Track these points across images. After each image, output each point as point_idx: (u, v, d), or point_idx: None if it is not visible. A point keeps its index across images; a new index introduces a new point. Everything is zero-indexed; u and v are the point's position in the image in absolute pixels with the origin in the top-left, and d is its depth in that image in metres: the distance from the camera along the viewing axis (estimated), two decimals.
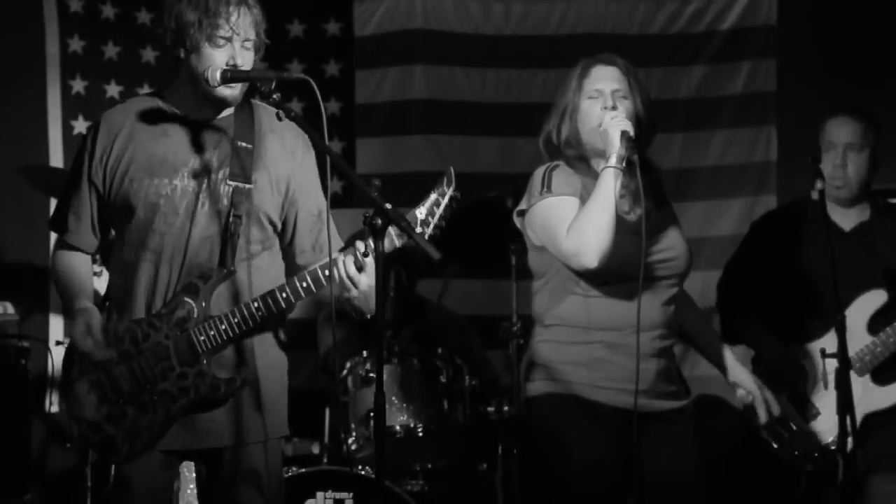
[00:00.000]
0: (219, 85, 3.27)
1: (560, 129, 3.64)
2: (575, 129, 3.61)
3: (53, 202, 3.67)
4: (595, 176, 3.55)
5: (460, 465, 4.92)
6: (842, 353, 3.82)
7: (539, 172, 3.64)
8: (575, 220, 3.48)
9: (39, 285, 5.31)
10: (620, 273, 3.48)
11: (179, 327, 3.29)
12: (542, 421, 3.59)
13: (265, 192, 3.37)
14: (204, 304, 3.29)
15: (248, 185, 3.33)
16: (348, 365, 4.91)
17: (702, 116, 5.93)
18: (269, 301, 3.31)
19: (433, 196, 3.25)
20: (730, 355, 3.83)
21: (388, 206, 3.11)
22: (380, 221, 3.06)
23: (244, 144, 3.35)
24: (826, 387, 4.26)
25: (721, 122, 5.95)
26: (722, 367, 3.84)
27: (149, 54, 5.75)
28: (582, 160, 3.61)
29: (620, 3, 5.92)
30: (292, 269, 3.44)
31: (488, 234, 4.94)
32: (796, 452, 4.26)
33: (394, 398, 4.73)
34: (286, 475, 4.62)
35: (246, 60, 3.29)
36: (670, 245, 3.59)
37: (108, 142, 3.34)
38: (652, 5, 5.93)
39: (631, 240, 3.50)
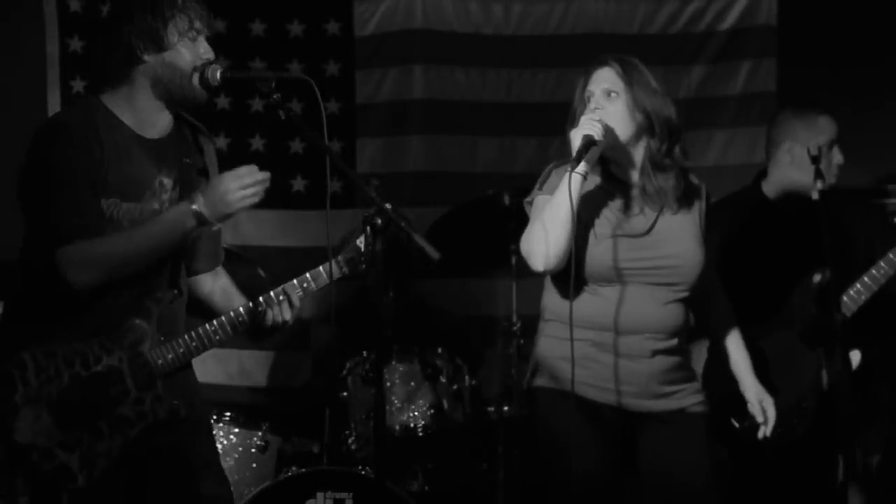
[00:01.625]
0: (219, 84, 3.28)
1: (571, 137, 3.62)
2: None
3: None
4: (610, 178, 3.57)
5: (460, 465, 4.92)
6: (842, 354, 3.83)
7: (546, 169, 3.64)
8: (529, 222, 3.49)
9: None
10: (607, 274, 3.50)
11: (132, 350, 3.23)
12: (536, 414, 3.62)
13: None
14: (157, 326, 3.26)
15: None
16: (348, 365, 4.91)
17: (702, 116, 5.92)
18: (227, 325, 3.32)
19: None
20: (745, 369, 3.80)
21: (388, 206, 3.13)
22: (380, 221, 3.07)
23: (188, 161, 3.33)
24: (826, 386, 4.29)
25: (721, 122, 5.95)
26: (740, 378, 3.83)
27: None
28: (598, 163, 3.59)
29: (620, 3, 5.92)
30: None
31: (488, 234, 4.94)
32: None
33: (394, 398, 4.73)
34: (286, 475, 4.63)
35: None
36: (673, 252, 3.55)
37: (92, 155, 3.18)
38: (652, 5, 5.93)
39: (627, 243, 3.52)
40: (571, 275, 3.44)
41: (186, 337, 3.29)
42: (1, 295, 4.88)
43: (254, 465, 4.83)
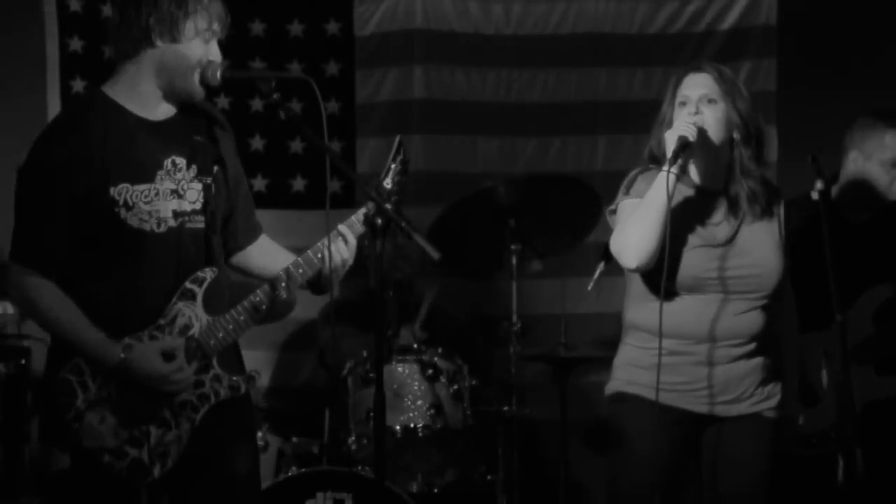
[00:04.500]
0: (219, 84, 3.28)
1: (660, 140, 3.63)
2: None
3: None
4: (691, 184, 3.59)
5: (460, 465, 4.92)
6: (843, 354, 3.83)
7: (629, 175, 3.69)
8: (624, 221, 3.56)
9: None
10: (689, 284, 3.56)
11: (183, 335, 3.24)
12: (611, 419, 3.71)
13: (225, 183, 3.38)
14: (203, 307, 3.27)
15: (213, 181, 3.32)
16: (348, 365, 4.91)
17: None
18: (272, 292, 3.32)
19: (393, 166, 3.44)
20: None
21: (389, 206, 3.13)
22: (380, 221, 3.07)
23: (199, 139, 3.33)
24: (826, 386, 4.28)
25: None
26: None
27: None
28: (682, 171, 3.61)
29: (620, 3, 5.92)
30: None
31: (488, 234, 4.94)
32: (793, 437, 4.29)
33: (394, 398, 4.73)
34: (286, 475, 4.64)
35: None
36: (753, 262, 3.61)
37: (81, 153, 3.19)
38: (652, 5, 5.93)
39: (708, 253, 3.57)
40: (663, 279, 3.49)
41: (233, 312, 3.29)
42: (1, 295, 4.89)
43: None
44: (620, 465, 3.67)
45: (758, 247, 3.62)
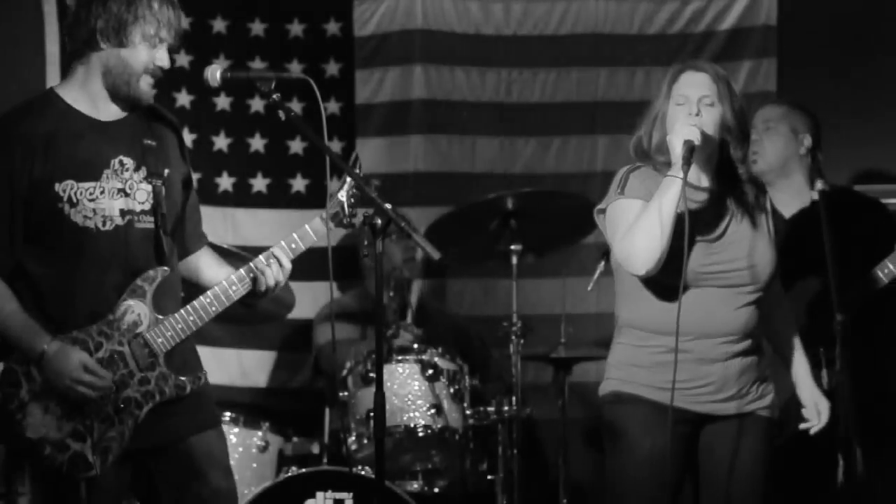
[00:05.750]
0: (219, 84, 3.29)
1: (651, 135, 3.63)
2: (664, 135, 3.60)
3: None
4: (686, 184, 3.58)
5: (460, 465, 4.92)
6: (842, 354, 3.83)
7: (619, 173, 3.67)
8: (630, 224, 3.53)
9: None
10: (687, 280, 3.53)
11: (131, 332, 3.25)
12: (607, 419, 3.68)
13: (176, 187, 3.40)
14: (152, 306, 3.28)
15: (163, 183, 3.33)
16: (348, 365, 4.91)
17: None
18: (221, 295, 3.34)
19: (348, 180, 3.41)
20: (803, 373, 3.82)
21: (388, 205, 3.14)
22: (380, 221, 3.08)
23: (150, 142, 3.35)
24: (827, 386, 4.28)
25: None
26: (798, 381, 3.84)
27: None
28: (670, 166, 3.60)
29: (620, 3, 5.92)
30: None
31: (489, 235, 4.94)
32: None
33: (394, 398, 4.73)
34: (286, 475, 4.64)
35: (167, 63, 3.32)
36: (745, 255, 3.60)
37: (27, 151, 3.22)
38: (652, 5, 5.93)
39: (703, 248, 3.56)
40: (682, 281, 3.46)
41: (183, 312, 3.31)
42: None
43: (254, 465, 4.83)
44: (620, 465, 3.66)
45: (748, 241, 3.62)
